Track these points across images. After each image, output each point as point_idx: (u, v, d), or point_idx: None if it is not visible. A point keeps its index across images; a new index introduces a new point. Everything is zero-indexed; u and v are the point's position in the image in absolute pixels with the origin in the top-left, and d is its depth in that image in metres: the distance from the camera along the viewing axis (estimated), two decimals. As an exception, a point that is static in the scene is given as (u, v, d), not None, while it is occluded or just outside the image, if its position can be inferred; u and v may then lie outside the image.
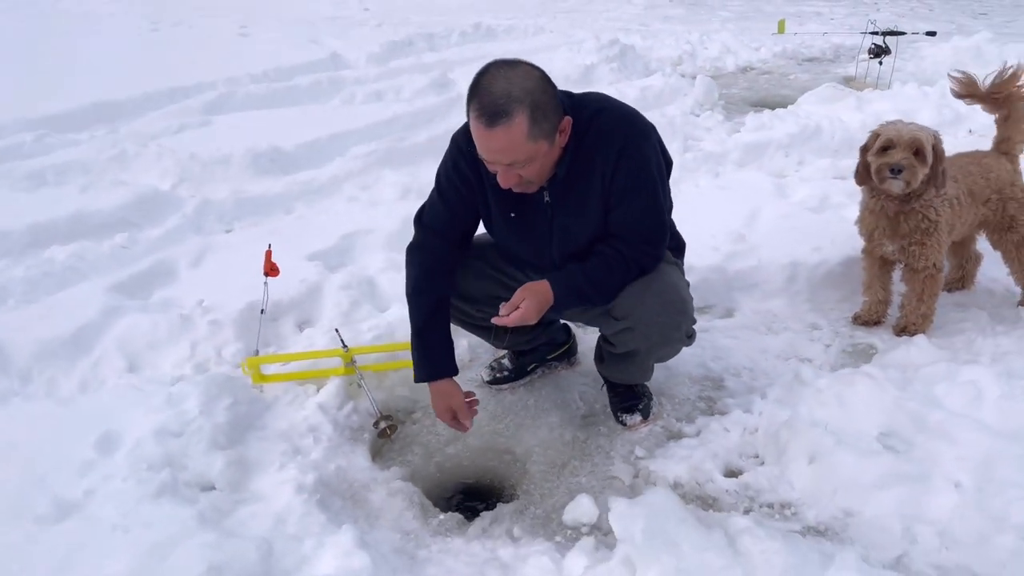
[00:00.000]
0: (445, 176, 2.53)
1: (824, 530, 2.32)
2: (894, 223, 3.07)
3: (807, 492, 2.42)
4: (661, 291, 2.46)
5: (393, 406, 3.05)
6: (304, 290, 3.60)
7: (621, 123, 2.34)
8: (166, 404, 2.71)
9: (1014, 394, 2.59)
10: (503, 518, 2.50)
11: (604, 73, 7.34)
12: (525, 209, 2.47)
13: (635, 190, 2.37)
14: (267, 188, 5.09)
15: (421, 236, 2.63)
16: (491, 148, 2.12)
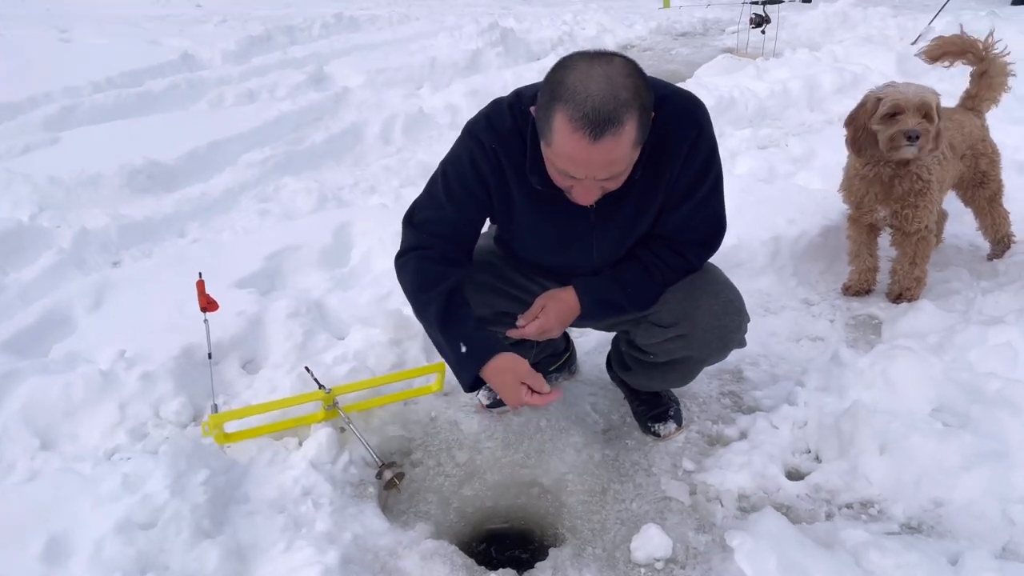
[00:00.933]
0: (457, 174, 2.10)
1: (918, 526, 2.14)
2: (887, 187, 2.96)
3: (887, 486, 2.23)
4: (717, 291, 2.19)
5: (387, 449, 2.62)
6: (243, 324, 3.06)
7: (689, 110, 1.99)
8: (122, 489, 2.15)
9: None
10: (563, 566, 2.16)
11: (491, 58, 7.03)
12: (562, 218, 2.10)
13: (704, 187, 2.06)
14: (152, 209, 4.42)
15: (415, 238, 2.18)
16: (592, 163, 1.72)
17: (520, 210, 2.12)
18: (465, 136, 2.09)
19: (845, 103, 5.70)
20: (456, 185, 2.10)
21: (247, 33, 8.31)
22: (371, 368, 2.84)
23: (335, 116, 5.99)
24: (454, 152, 2.12)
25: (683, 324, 2.18)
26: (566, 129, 1.67)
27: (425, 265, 2.11)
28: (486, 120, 2.04)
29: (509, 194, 2.09)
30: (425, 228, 2.15)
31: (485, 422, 2.73)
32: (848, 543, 1.91)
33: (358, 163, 5.23)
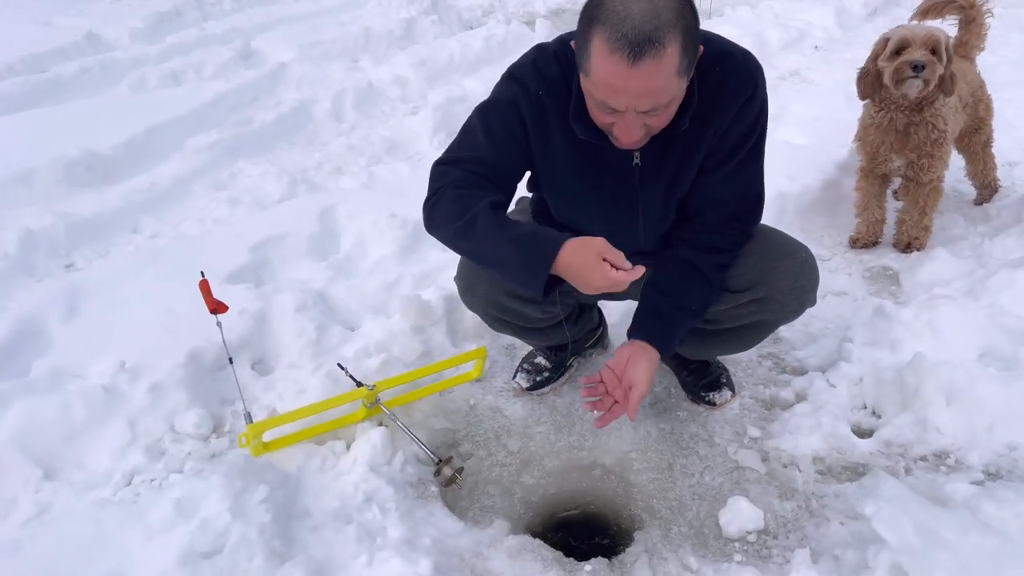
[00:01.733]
0: (499, 116, 1.92)
1: (996, 471, 2.16)
2: (903, 136, 2.98)
3: (960, 435, 2.25)
4: (793, 250, 2.13)
5: (434, 443, 2.47)
6: (248, 322, 2.82)
7: (750, 67, 1.86)
8: (176, 515, 1.94)
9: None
10: (656, 548, 2.08)
11: (427, 27, 6.78)
12: (607, 174, 1.96)
13: (754, 148, 1.95)
14: (98, 204, 4.03)
15: (446, 176, 1.92)
16: (632, 90, 1.58)
17: (563, 165, 1.97)
18: (508, 80, 1.94)
19: (793, 58, 5.81)
20: (497, 125, 1.92)
21: (154, 9, 7.72)
22: (399, 358, 2.67)
23: (274, 94, 5.64)
24: (495, 96, 1.96)
25: (760, 287, 2.10)
26: (603, 51, 1.54)
27: (461, 192, 1.87)
28: (532, 66, 1.91)
29: (552, 147, 1.94)
30: (459, 165, 1.93)
31: (529, 406, 2.61)
32: (958, 497, 1.91)
33: (312, 142, 4.94)
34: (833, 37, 6.14)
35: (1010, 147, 4.13)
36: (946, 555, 1.69)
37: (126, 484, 2.33)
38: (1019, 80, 5.23)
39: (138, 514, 1.97)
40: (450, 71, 5.92)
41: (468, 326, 2.89)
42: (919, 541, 1.69)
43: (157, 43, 6.93)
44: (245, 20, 7.59)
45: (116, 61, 6.38)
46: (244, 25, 7.39)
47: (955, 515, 1.81)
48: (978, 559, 1.70)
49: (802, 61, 5.68)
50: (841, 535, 2.00)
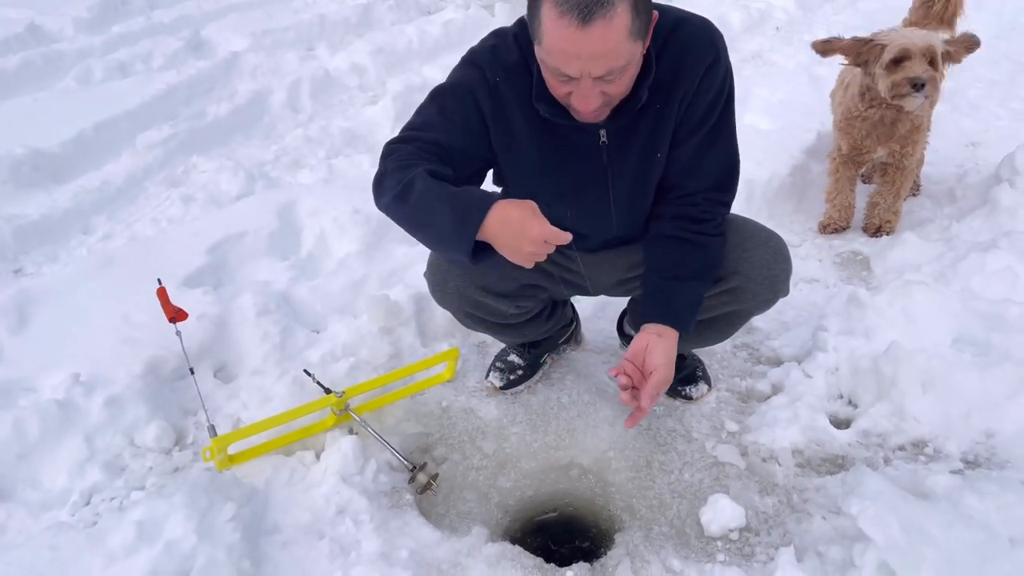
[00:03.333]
0: (454, 100, 1.86)
1: (975, 460, 2.16)
2: (890, 129, 2.95)
3: (937, 423, 2.24)
4: (765, 239, 2.09)
5: (407, 448, 2.40)
6: (208, 328, 2.72)
7: (709, 33, 1.83)
8: (138, 539, 1.84)
9: (1051, 274, 2.61)
10: (637, 550, 2.04)
11: (384, 12, 6.62)
12: (572, 156, 1.91)
13: (722, 116, 1.90)
14: (47, 205, 3.89)
15: (396, 150, 1.83)
16: (583, 53, 1.53)
17: (528, 151, 1.91)
18: (466, 65, 1.88)
19: (756, 40, 5.79)
20: (452, 110, 1.86)
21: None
22: (367, 361, 2.59)
23: (227, 85, 5.46)
24: (451, 80, 1.90)
25: (732, 277, 2.06)
26: (553, 15, 1.50)
27: (404, 162, 1.77)
28: (491, 52, 1.86)
29: (514, 134, 1.88)
30: (411, 143, 1.83)
31: (503, 406, 2.55)
32: (940, 490, 1.89)
33: (269, 135, 4.80)
34: (794, 18, 6.14)
35: (974, 128, 4.16)
36: (933, 551, 1.67)
37: (85, 503, 2.23)
38: (981, 59, 5.24)
39: (97, 538, 1.86)
40: (409, 58, 5.79)
41: (438, 325, 2.82)
42: (905, 538, 1.66)
43: (103, 33, 6.67)
44: (194, 8, 7.34)
45: (60, 53, 6.12)
46: (193, 13, 7.15)
47: (938, 509, 1.79)
48: (964, 554, 1.68)
49: (764, 43, 5.67)
50: (824, 530, 1.97)
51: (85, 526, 2.05)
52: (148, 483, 2.29)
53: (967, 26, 5.89)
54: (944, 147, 3.95)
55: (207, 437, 2.27)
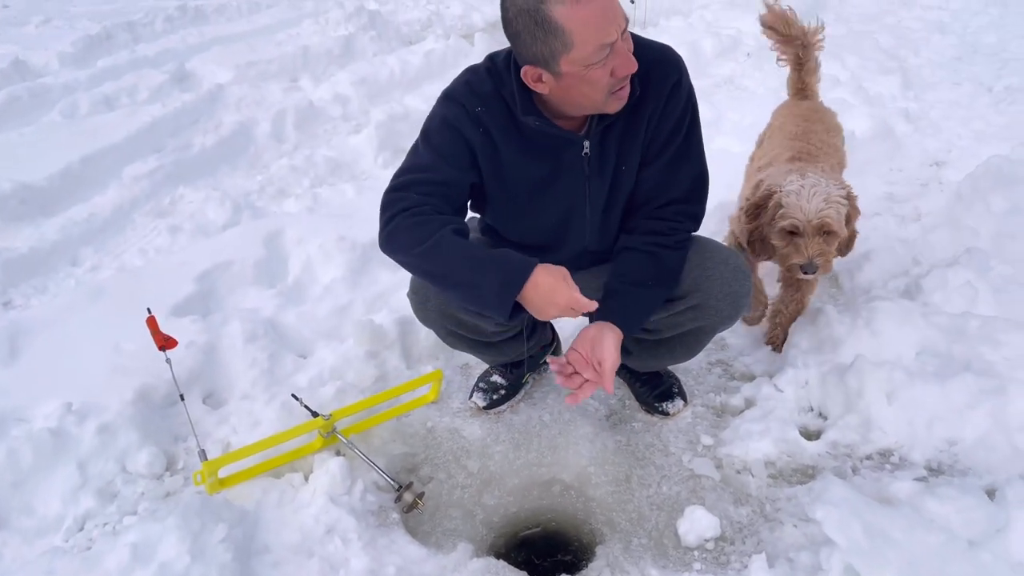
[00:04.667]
0: (440, 136, 1.99)
1: (938, 467, 2.26)
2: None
3: (902, 433, 2.34)
4: (724, 258, 2.19)
5: (394, 468, 2.47)
6: (197, 355, 2.78)
7: (671, 58, 2.00)
8: (133, 561, 1.90)
9: (1008, 288, 2.74)
10: (618, 562, 2.12)
11: (366, 43, 6.74)
12: (559, 168, 2.04)
13: (688, 134, 2.04)
14: (35, 238, 3.94)
15: (401, 202, 1.94)
16: (610, 10, 1.72)
17: (514, 171, 2.04)
18: (446, 101, 2.02)
19: (728, 66, 5.95)
20: (442, 144, 1.99)
21: (83, 33, 7.50)
22: (354, 385, 2.67)
23: (212, 117, 5.55)
24: (433, 117, 2.03)
25: (695, 295, 2.16)
26: (571, 9, 1.69)
27: (419, 219, 1.90)
28: (466, 86, 2.00)
29: (500, 157, 2.02)
30: (412, 189, 1.96)
31: (487, 425, 2.63)
32: (902, 496, 1.98)
33: (254, 165, 4.89)
34: (764, 44, 6.27)
35: (937, 147, 4.31)
36: (895, 554, 1.75)
37: (79, 529, 2.28)
38: (942, 80, 5.47)
39: (93, 561, 1.91)
40: (391, 88, 5.91)
41: (423, 348, 2.90)
42: (868, 542, 1.75)
43: (88, 68, 6.76)
44: (177, 41, 7.46)
45: (46, 88, 6.19)
46: (177, 47, 7.26)
47: (901, 514, 1.88)
48: (925, 555, 1.77)
49: (736, 68, 5.83)
50: (795, 538, 2.06)
51: (79, 551, 2.11)
52: (140, 508, 2.34)
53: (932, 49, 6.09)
54: (908, 167, 4.09)
55: (197, 462, 2.34)
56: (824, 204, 2.33)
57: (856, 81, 5.09)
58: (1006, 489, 1.99)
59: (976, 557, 1.80)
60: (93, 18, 9.25)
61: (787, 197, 2.38)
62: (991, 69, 5.57)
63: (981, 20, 6.76)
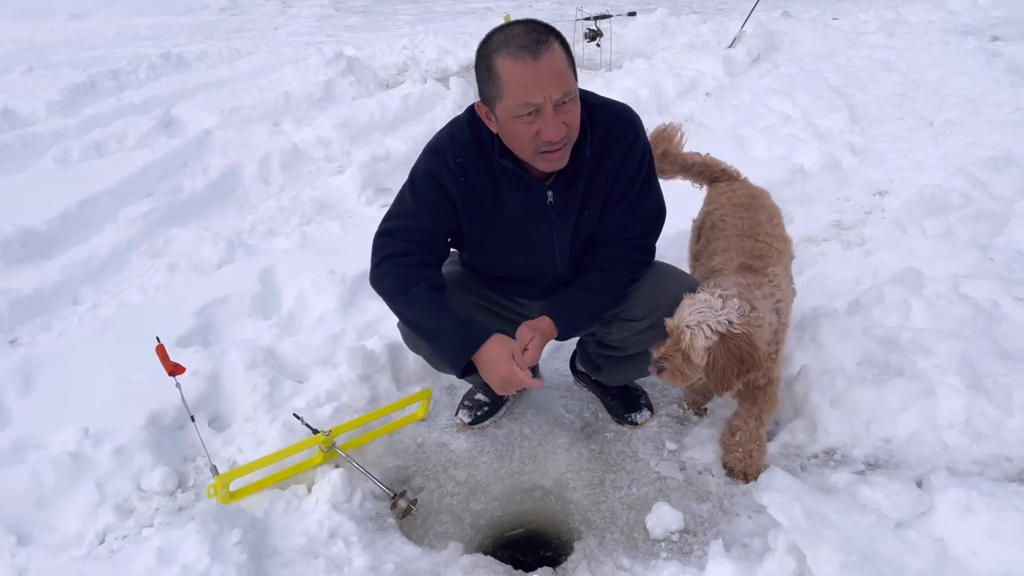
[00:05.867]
0: (425, 185, 2.32)
1: (875, 462, 2.54)
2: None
3: (845, 434, 2.62)
4: (680, 280, 2.49)
5: (388, 479, 2.69)
6: (202, 383, 3.00)
7: (629, 117, 2.33)
8: (158, 562, 2.11)
9: (938, 303, 3.05)
10: (593, 554, 2.36)
11: (345, 88, 7.05)
12: (528, 213, 2.34)
13: (645, 181, 2.38)
14: (38, 279, 4.14)
15: (390, 247, 2.30)
16: (542, 78, 1.99)
17: (492, 214, 2.34)
18: (430, 153, 2.33)
19: (688, 105, 6.32)
20: (425, 194, 2.32)
21: (69, 81, 7.74)
22: (349, 405, 2.90)
23: (201, 160, 5.80)
24: (419, 167, 2.35)
25: (655, 314, 2.43)
26: (509, 61, 2.00)
27: (404, 269, 2.27)
28: (449, 138, 2.31)
29: (480, 201, 2.32)
30: (399, 235, 2.32)
31: (472, 439, 2.87)
32: (840, 485, 2.26)
33: (243, 206, 5.14)
34: (722, 84, 6.72)
35: (880, 178, 4.67)
36: (831, 532, 2.01)
37: (100, 542, 2.48)
38: (888, 115, 5.87)
39: (122, 565, 2.14)
40: (371, 130, 6.21)
41: (411, 371, 3.14)
42: (808, 522, 2.01)
43: (75, 115, 6.99)
44: (162, 88, 7.72)
45: (36, 135, 6.41)
46: (162, 93, 7.52)
47: (838, 499, 2.16)
48: (858, 533, 2.04)
49: (696, 107, 6.20)
50: (749, 526, 2.32)
51: (105, 558, 2.31)
52: (156, 522, 2.55)
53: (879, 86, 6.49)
54: (855, 196, 4.44)
55: (207, 480, 2.56)
56: (689, 325, 2.21)
57: (806, 118, 5.47)
58: (932, 478, 2.28)
59: (902, 534, 2.07)
60: (75, 66, 9.53)
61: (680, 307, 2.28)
62: (932, 104, 5.99)
63: (924, 58, 7.22)
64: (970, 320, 2.99)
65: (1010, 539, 2.06)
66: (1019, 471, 2.45)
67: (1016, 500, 2.13)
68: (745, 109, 5.84)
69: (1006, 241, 3.60)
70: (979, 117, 5.49)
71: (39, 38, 13.00)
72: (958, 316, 3.01)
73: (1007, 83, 6.20)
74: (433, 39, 8.98)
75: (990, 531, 2.08)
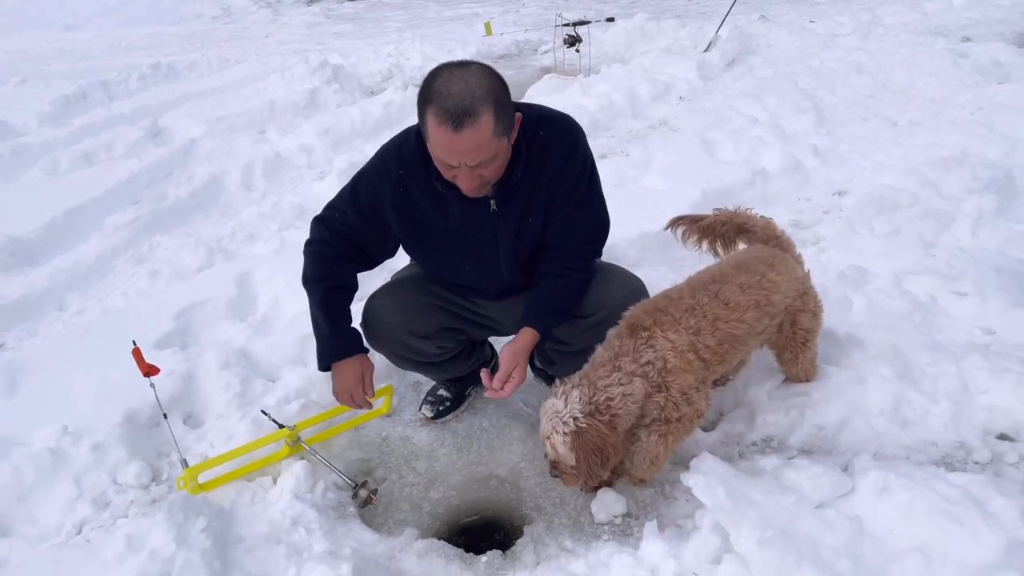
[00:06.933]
0: (365, 189, 2.48)
1: (810, 449, 2.68)
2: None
3: (781, 423, 2.76)
4: (625, 281, 2.64)
5: (352, 472, 2.85)
6: (177, 383, 3.16)
7: (567, 129, 2.43)
8: (127, 549, 2.26)
9: (878, 299, 3.20)
10: (540, 538, 2.51)
11: (329, 96, 7.21)
12: (470, 222, 2.45)
13: (586, 191, 2.48)
14: (25, 286, 4.29)
15: (319, 233, 2.56)
16: (459, 150, 2.08)
17: (433, 225, 2.47)
18: (378, 159, 2.48)
19: (662, 109, 6.47)
20: (362, 199, 2.49)
21: (60, 92, 7.91)
22: (316, 402, 3.05)
23: (186, 169, 5.95)
24: (366, 170, 2.50)
25: (601, 311, 2.58)
26: (434, 123, 2.06)
27: (320, 260, 2.53)
28: (397, 149, 2.43)
29: (420, 212, 2.45)
30: (329, 224, 2.53)
31: (433, 433, 3.02)
32: (768, 469, 2.41)
33: (225, 213, 5.29)
34: (696, 88, 6.87)
35: (841, 178, 4.81)
36: (753, 511, 2.16)
37: (77, 532, 2.63)
38: (854, 117, 6.02)
39: (93, 552, 2.28)
40: (352, 137, 6.37)
41: (377, 370, 3.23)
42: (731, 502, 2.16)
43: (65, 126, 7.15)
44: (151, 98, 7.88)
45: (27, 146, 6.57)
46: (151, 103, 7.68)
47: (763, 481, 2.30)
48: (779, 512, 2.19)
49: (669, 111, 6.35)
50: (685, 509, 2.47)
51: (81, 546, 2.45)
52: (130, 513, 2.69)
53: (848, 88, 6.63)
54: (814, 196, 4.59)
55: (179, 474, 2.70)
56: (548, 436, 2.25)
57: (774, 120, 5.62)
58: (855, 461, 2.43)
59: (822, 513, 2.22)
60: (68, 77, 9.69)
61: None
62: (898, 105, 6.14)
63: (894, 60, 7.37)
64: (907, 315, 3.15)
65: (924, 518, 2.18)
66: (943, 455, 2.60)
67: (932, 481, 2.27)
68: (715, 112, 5.99)
69: (951, 239, 3.75)
70: (941, 118, 5.64)
71: (34, 49, 13.18)
72: (896, 311, 3.16)
73: (971, 83, 6.35)
74: (419, 46, 9.15)
75: (905, 511, 2.20)
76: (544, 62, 8.76)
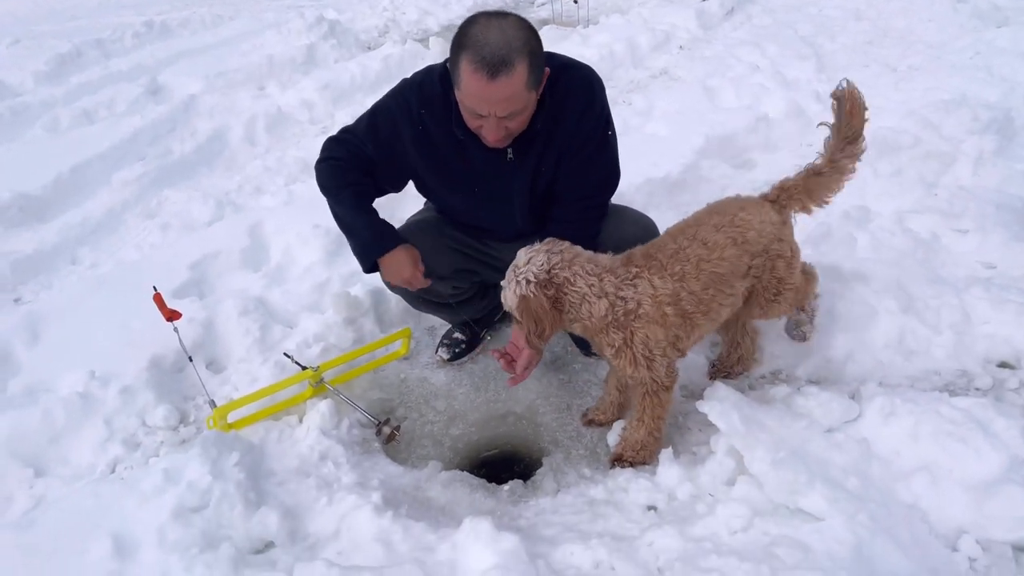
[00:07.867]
0: (384, 121, 2.46)
1: (817, 379, 2.78)
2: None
3: (789, 356, 2.86)
4: (636, 219, 2.70)
5: (374, 411, 2.94)
6: (198, 329, 3.23)
7: (588, 79, 2.44)
8: (166, 482, 2.35)
9: (881, 236, 3.27)
10: (559, 467, 2.62)
11: (327, 51, 7.17)
12: (487, 171, 2.49)
13: (600, 143, 2.50)
14: (37, 241, 4.34)
15: (334, 151, 2.52)
16: (491, 99, 2.10)
17: (450, 168, 2.49)
18: (398, 94, 2.47)
19: (663, 58, 6.47)
20: (382, 130, 2.47)
21: (54, 52, 7.83)
22: (335, 345, 3.13)
23: (188, 125, 5.95)
24: (385, 102, 2.50)
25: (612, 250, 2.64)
26: (469, 70, 2.06)
27: (339, 170, 2.49)
28: (419, 87, 2.42)
29: (437, 155, 2.46)
30: (345, 146, 2.50)
31: (451, 374, 3.11)
32: (778, 397, 2.50)
33: (231, 167, 5.31)
34: (696, 37, 6.86)
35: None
36: (766, 435, 2.26)
37: (111, 472, 2.72)
38: (854, 63, 6.03)
39: (131, 485, 2.37)
40: (353, 91, 6.35)
41: (394, 314, 3.36)
42: (744, 427, 2.25)
43: (63, 84, 7.11)
44: (147, 56, 7.83)
45: (26, 105, 6.54)
46: (147, 61, 7.63)
47: (774, 408, 2.40)
48: (790, 435, 2.29)
49: (670, 60, 6.36)
50: (698, 437, 2.57)
51: (118, 480, 2.55)
52: (161, 453, 2.79)
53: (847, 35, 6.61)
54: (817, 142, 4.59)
55: (206, 416, 2.79)
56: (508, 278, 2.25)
57: (774, 67, 5.64)
58: (862, 390, 2.53)
59: (831, 437, 2.32)
60: (60, 37, 9.56)
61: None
62: (897, 51, 6.15)
63: (893, 6, 7.35)
64: (910, 251, 3.22)
65: (929, 439, 2.28)
66: (946, 383, 2.70)
67: (936, 405, 2.36)
68: (716, 60, 6.00)
69: (951, 179, 3.81)
70: (941, 63, 5.66)
71: (21, 11, 12.95)
72: (900, 248, 3.24)
73: (970, 28, 6.35)
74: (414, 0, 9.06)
75: (911, 432, 2.29)
76: (542, 14, 8.69)
